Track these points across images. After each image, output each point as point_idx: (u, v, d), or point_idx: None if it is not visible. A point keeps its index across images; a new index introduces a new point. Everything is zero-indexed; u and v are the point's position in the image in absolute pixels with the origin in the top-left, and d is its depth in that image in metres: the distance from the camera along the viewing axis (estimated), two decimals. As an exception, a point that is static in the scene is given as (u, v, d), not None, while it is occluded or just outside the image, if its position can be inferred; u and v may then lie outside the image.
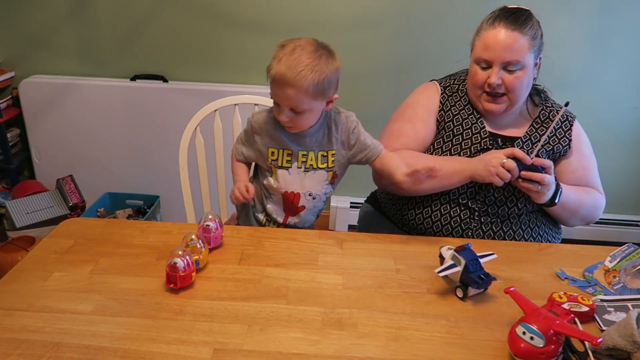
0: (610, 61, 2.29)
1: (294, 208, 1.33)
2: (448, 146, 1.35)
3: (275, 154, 1.28)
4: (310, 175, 1.30)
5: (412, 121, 1.39)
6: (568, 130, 1.37)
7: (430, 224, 1.34)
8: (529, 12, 1.27)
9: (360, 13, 2.26)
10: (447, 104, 1.39)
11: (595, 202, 1.36)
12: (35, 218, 2.25)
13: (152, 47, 2.37)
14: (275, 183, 1.30)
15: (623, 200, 2.55)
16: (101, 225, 1.27)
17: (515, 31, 1.23)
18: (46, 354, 0.83)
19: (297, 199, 1.31)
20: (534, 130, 1.36)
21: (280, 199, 1.32)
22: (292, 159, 1.28)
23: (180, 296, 0.99)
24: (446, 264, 1.02)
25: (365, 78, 2.37)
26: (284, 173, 1.29)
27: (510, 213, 1.30)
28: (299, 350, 0.86)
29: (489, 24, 1.26)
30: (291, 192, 1.30)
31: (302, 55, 1.13)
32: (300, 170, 1.29)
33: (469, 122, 1.36)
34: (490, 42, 1.25)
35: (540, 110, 1.38)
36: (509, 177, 1.18)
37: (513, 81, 1.26)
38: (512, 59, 1.23)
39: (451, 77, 1.45)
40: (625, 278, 1.08)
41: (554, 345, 0.81)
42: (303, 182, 1.30)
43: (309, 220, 1.38)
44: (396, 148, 1.37)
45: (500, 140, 1.34)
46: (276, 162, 1.28)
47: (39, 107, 2.38)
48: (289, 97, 1.15)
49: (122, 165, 2.48)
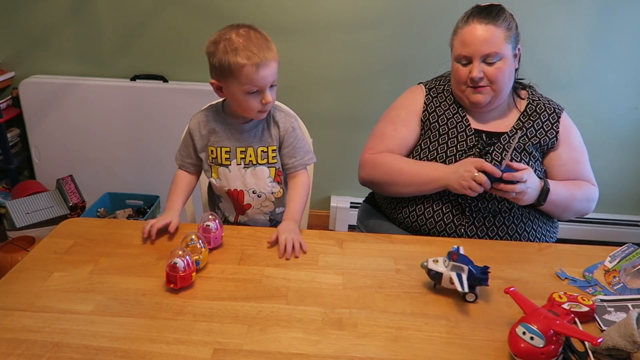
0: (610, 61, 2.29)
1: (241, 206, 1.34)
2: (434, 146, 1.37)
3: (214, 151, 1.29)
4: (251, 172, 1.29)
5: (394, 123, 1.43)
6: (555, 123, 1.37)
7: (424, 222, 1.34)
8: (501, 6, 1.32)
9: (360, 13, 2.26)
10: (432, 105, 1.42)
11: (587, 195, 1.36)
12: (35, 218, 2.25)
13: (152, 47, 2.37)
14: (218, 182, 1.31)
15: (623, 200, 2.55)
16: (101, 225, 1.27)
17: (489, 24, 1.27)
18: (46, 354, 0.83)
19: (241, 197, 1.32)
20: (521, 123, 1.36)
21: (228, 199, 1.34)
22: (230, 155, 1.28)
23: (180, 296, 0.99)
24: (454, 279, 0.98)
25: (365, 78, 2.37)
26: (224, 171, 1.29)
27: (501, 208, 1.30)
28: (299, 350, 0.86)
29: (464, 22, 1.31)
30: (234, 189, 1.31)
31: (252, 37, 1.15)
32: (240, 166, 1.29)
33: (454, 121, 1.38)
34: (467, 38, 1.29)
35: (527, 104, 1.39)
36: (481, 190, 1.20)
37: (494, 72, 1.29)
38: (490, 51, 1.27)
39: (437, 79, 1.49)
40: (625, 278, 1.08)
41: (554, 345, 0.81)
42: (245, 179, 1.30)
43: (260, 220, 1.36)
44: (379, 150, 1.41)
45: (485, 135, 1.35)
46: (216, 159, 1.29)
47: (39, 107, 2.38)
48: (274, 73, 1.17)
49: (122, 165, 2.47)
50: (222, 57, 1.14)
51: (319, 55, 2.35)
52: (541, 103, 1.39)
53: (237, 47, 1.13)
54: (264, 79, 1.16)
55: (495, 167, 1.19)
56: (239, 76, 1.15)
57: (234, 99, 1.21)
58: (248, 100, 1.19)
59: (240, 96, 1.18)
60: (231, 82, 1.17)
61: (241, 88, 1.17)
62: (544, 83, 1.42)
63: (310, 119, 1.58)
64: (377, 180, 1.41)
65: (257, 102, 1.19)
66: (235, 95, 1.19)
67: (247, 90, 1.17)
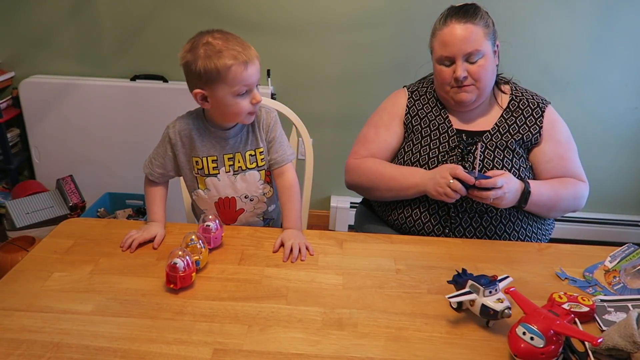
0: (611, 61, 2.29)
1: (232, 213, 1.30)
2: (417, 148, 1.37)
3: (199, 162, 1.23)
4: (241, 178, 1.26)
5: (376, 127, 1.45)
6: (539, 117, 1.35)
7: (412, 223, 1.35)
8: (476, 4, 1.33)
9: (360, 13, 2.26)
10: (415, 108, 1.42)
11: (574, 192, 1.34)
12: (35, 218, 2.25)
13: (152, 47, 2.37)
14: (206, 192, 1.27)
15: (623, 200, 2.55)
16: (101, 225, 1.27)
17: (467, 23, 1.28)
18: (46, 354, 0.83)
19: (233, 203, 1.28)
20: (503, 120, 1.36)
21: (213, 209, 1.29)
22: (218, 164, 1.24)
23: (180, 296, 0.99)
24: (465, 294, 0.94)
25: (365, 78, 2.37)
26: (212, 180, 1.25)
27: (487, 207, 1.30)
28: (299, 351, 0.86)
29: (442, 23, 1.31)
30: (225, 197, 1.27)
31: (230, 38, 1.12)
32: (229, 174, 1.25)
33: (436, 123, 1.38)
34: (447, 39, 1.29)
35: (510, 100, 1.39)
36: (457, 197, 1.21)
37: (478, 70, 1.29)
38: (472, 49, 1.27)
39: (420, 81, 1.49)
40: (625, 278, 1.08)
41: (554, 346, 0.81)
42: (235, 186, 1.26)
43: (254, 221, 1.34)
44: (362, 155, 1.43)
45: (465, 135, 1.35)
46: (202, 170, 1.24)
47: (39, 107, 2.38)
48: (259, 71, 1.15)
49: (122, 165, 2.47)
50: (205, 62, 1.09)
51: (319, 55, 2.35)
52: (524, 98, 1.38)
53: (220, 49, 1.09)
54: (252, 77, 1.12)
55: (471, 173, 1.19)
56: (226, 78, 1.10)
57: (222, 105, 1.15)
58: (238, 103, 1.14)
59: (229, 100, 1.13)
60: (218, 87, 1.12)
61: (230, 91, 1.12)
62: (544, 83, 1.42)
63: (310, 119, 1.58)
64: (360, 185, 1.42)
65: (247, 104, 1.15)
66: (223, 100, 1.13)
67: (236, 92, 1.12)
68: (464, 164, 1.32)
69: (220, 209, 1.30)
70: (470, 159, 1.31)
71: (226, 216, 1.30)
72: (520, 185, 1.26)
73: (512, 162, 1.31)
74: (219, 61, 1.09)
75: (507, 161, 1.31)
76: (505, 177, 1.20)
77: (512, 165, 1.31)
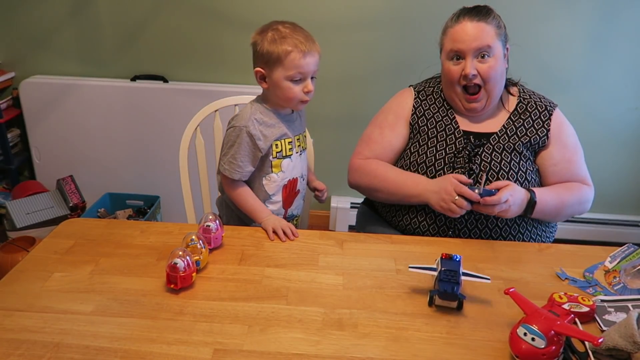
0: (610, 61, 2.29)
1: (294, 194, 1.37)
2: (424, 149, 1.36)
3: (279, 145, 1.30)
4: (303, 157, 1.37)
5: (381, 127, 1.44)
6: (547, 120, 1.35)
7: (417, 225, 1.34)
8: (488, 6, 1.33)
9: (360, 13, 2.26)
10: (421, 108, 1.41)
11: (579, 197, 1.34)
12: (35, 218, 2.25)
13: (152, 47, 2.37)
14: (280, 175, 1.32)
15: (623, 200, 2.55)
16: (101, 225, 1.27)
17: (480, 21, 1.28)
18: (46, 354, 0.83)
19: (295, 183, 1.36)
20: (511, 122, 1.36)
21: (279, 194, 1.34)
22: (292, 145, 1.33)
23: (180, 296, 0.99)
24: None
25: (365, 78, 2.37)
26: (287, 162, 1.32)
27: None
28: (299, 351, 0.86)
29: (454, 21, 1.32)
30: (294, 178, 1.35)
31: (297, 29, 1.23)
32: (298, 154, 1.35)
33: (442, 124, 1.38)
34: (459, 35, 1.29)
35: (518, 102, 1.38)
36: (462, 212, 1.21)
37: (487, 70, 1.28)
38: (482, 44, 1.27)
39: (427, 81, 1.48)
40: (626, 278, 1.08)
41: (555, 346, 0.81)
42: (302, 165, 1.37)
43: (300, 205, 1.43)
44: (366, 155, 1.42)
45: (473, 137, 1.35)
46: (281, 153, 1.30)
47: (39, 107, 2.38)
48: (317, 63, 1.24)
49: (122, 166, 2.47)
50: (269, 45, 1.20)
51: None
52: (532, 101, 1.38)
53: (285, 36, 1.20)
54: (308, 66, 1.21)
55: (476, 188, 1.18)
56: (284, 62, 1.20)
57: (277, 87, 1.23)
58: (291, 88, 1.22)
59: (283, 83, 1.22)
60: (276, 69, 1.21)
61: (285, 74, 1.21)
62: (544, 83, 1.42)
63: (310, 118, 1.58)
64: (364, 186, 1.42)
65: (299, 90, 1.23)
66: (278, 82, 1.22)
67: (291, 77, 1.21)
68: (471, 165, 1.31)
69: (286, 191, 1.35)
70: (477, 161, 1.31)
71: (289, 199, 1.37)
72: (525, 195, 1.25)
73: (518, 164, 1.31)
74: (281, 46, 1.19)
75: (514, 164, 1.30)
76: (510, 190, 1.20)
77: (518, 168, 1.30)
